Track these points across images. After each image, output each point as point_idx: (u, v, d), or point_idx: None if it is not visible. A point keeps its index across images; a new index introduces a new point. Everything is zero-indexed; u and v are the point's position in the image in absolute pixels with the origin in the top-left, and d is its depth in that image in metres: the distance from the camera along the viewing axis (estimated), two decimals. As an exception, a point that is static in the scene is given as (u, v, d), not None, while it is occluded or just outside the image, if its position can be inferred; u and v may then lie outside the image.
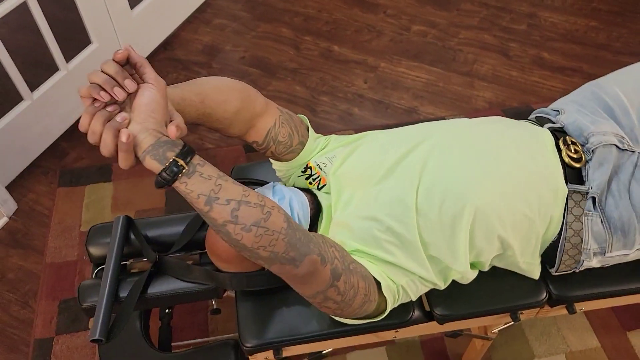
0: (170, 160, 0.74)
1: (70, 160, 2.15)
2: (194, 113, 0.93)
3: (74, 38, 2.24)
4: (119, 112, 0.77)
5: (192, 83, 0.95)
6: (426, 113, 2.32)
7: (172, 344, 1.45)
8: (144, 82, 0.78)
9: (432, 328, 1.21)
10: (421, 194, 0.99)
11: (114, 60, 0.76)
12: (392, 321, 1.12)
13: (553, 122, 1.17)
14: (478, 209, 0.99)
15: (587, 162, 1.08)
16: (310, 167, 1.16)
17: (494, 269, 1.14)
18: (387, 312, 1.03)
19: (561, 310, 1.25)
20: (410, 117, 2.30)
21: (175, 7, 2.65)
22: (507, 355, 1.62)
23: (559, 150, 1.08)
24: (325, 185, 1.15)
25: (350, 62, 2.56)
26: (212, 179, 0.77)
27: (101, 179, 2.07)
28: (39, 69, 2.27)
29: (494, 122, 1.14)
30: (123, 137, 0.73)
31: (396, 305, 1.06)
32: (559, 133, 1.13)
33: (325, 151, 1.17)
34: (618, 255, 1.09)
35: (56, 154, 2.17)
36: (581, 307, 1.25)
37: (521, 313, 1.21)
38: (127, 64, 0.78)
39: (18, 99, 2.00)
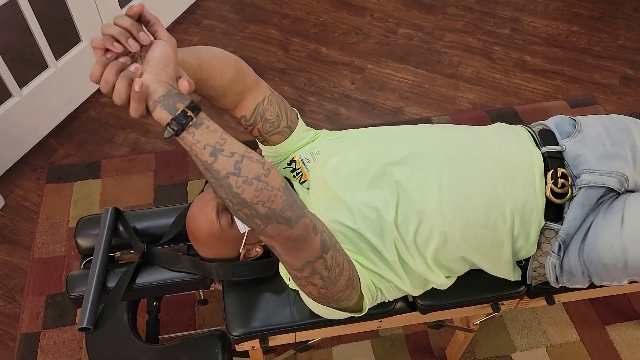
0: (180, 110, 0.76)
1: (58, 157, 2.16)
2: (191, 77, 0.94)
3: (64, 36, 2.25)
4: (131, 63, 0.79)
5: (191, 49, 0.98)
6: (411, 114, 2.36)
7: (159, 336, 1.47)
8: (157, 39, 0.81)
9: (415, 318, 1.24)
10: (400, 216, 1.03)
11: (127, 15, 0.78)
12: (375, 311, 1.15)
13: (556, 143, 1.11)
14: (448, 235, 1.03)
15: (572, 198, 1.06)
16: (295, 161, 1.18)
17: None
18: (366, 310, 1.06)
19: (540, 302, 1.29)
20: (395, 118, 2.34)
21: (165, 8, 2.67)
22: (489, 349, 1.65)
23: (546, 181, 1.06)
24: (306, 180, 1.18)
25: (338, 64, 2.59)
26: (217, 132, 0.80)
27: (89, 175, 2.08)
28: (28, 66, 2.27)
29: (487, 140, 1.12)
30: (136, 86, 0.75)
31: (374, 304, 1.09)
32: (553, 160, 1.09)
33: (312, 145, 1.19)
34: (574, 287, 1.13)
35: (45, 151, 2.18)
36: (560, 298, 1.29)
37: (502, 304, 1.25)
38: (139, 22, 0.80)
39: (7, 95, 2.01)
